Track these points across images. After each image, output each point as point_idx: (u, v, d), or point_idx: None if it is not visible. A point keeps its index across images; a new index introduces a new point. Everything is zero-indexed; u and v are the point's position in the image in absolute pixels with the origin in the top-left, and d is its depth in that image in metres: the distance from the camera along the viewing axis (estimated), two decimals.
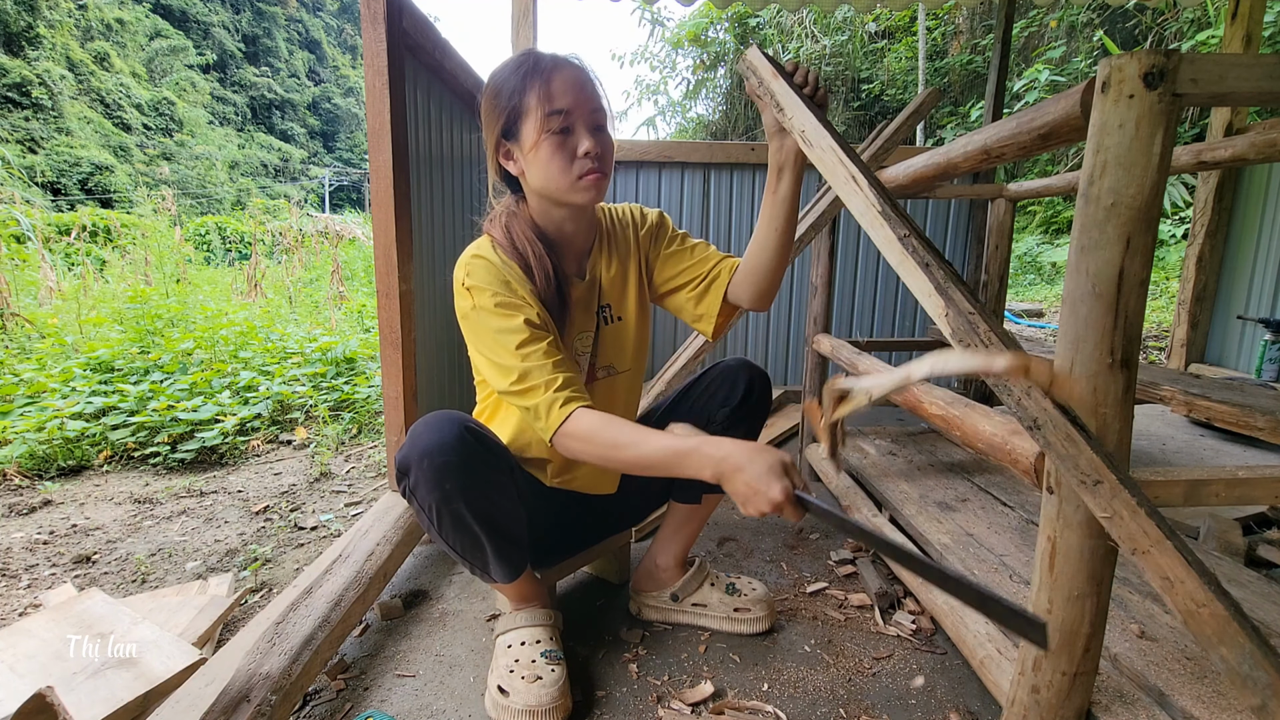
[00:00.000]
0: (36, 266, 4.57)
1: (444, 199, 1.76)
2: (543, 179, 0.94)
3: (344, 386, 2.82)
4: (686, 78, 10.96)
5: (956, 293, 0.70)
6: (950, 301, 0.70)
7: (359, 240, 8.69)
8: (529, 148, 0.92)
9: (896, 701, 1.01)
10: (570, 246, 1.05)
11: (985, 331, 0.68)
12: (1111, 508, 0.63)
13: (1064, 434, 0.64)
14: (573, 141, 0.92)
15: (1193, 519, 1.48)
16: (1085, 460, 0.63)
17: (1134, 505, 0.61)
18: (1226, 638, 0.59)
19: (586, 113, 0.92)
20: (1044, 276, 7.44)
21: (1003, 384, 0.67)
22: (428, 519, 0.94)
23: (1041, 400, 0.65)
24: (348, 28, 46.66)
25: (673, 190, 2.74)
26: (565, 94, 0.90)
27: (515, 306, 0.92)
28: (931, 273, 0.72)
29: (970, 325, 0.68)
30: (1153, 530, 0.61)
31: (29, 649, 1.05)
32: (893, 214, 0.76)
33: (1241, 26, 2.59)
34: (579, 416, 0.88)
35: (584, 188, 0.93)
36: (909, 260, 0.73)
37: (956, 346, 0.70)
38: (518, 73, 0.92)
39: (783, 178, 0.96)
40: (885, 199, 0.77)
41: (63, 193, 20.00)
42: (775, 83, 0.90)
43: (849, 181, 0.80)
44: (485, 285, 0.92)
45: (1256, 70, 0.62)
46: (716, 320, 1.08)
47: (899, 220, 0.75)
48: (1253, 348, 2.63)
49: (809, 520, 1.67)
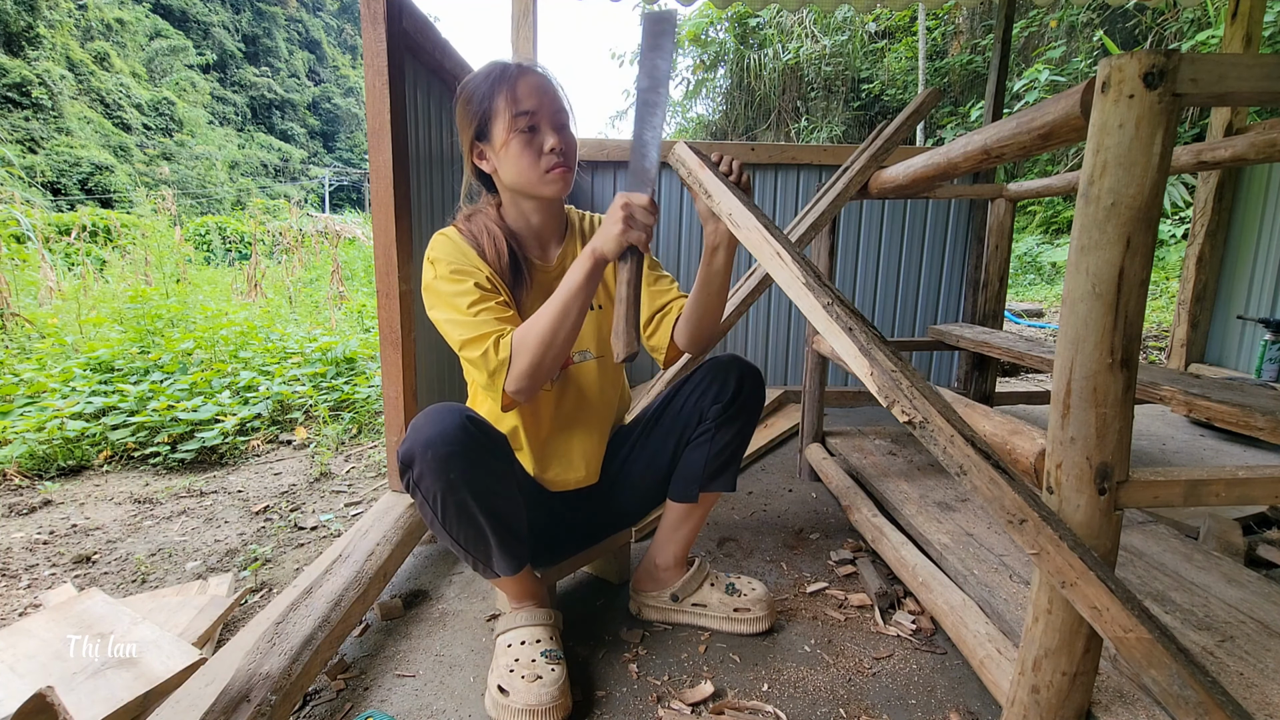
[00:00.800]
0: (36, 266, 4.57)
1: (444, 199, 1.76)
2: (514, 174, 1.03)
3: (344, 386, 2.82)
4: (687, 78, 10.96)
5: (879, 353, 0.75)
6: (874, 362, 0.75)
7: (359, 240, 8.68)
8: (500, 146, 1.01)
9: (896, 701, 1.01)
10: (536, 236, 1.13)
11: (908, 387, 0.72)
12: (1038, 544, 0.66)
13: (987, 477, 0.68)
14: (539, 139, 1.01)
15: (1193, 519, 1.48)
16: (1009, 500, 0.67)
17: (1057, 540, 0.64)
18: (1154, 660, 0.62)
19: (550, 113, 1.02)
20: (1044, 276, 7.44)
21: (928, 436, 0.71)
22: (432, 511, 0.95)
23: (964, 448, 0.69)
24: (348, 28, 46.67)
25: (673, 190, 2.74)
26: (530, 96, 1.00)
27: (467, 273, 1.01)
28: (855, 336, 0.77)
29: (894, 382, 0.73)
30: (1076, 563, 0.64)
31: (29, 649, 1.05)
32: (816, 284, 0.83)
33: (1241, 26, 2.59)
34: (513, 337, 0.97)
35: (551, 180, 1.03)
36: (834, 325, 0.79)
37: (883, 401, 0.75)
38: (487, 80, 1.01)
39: (716, 255, 1.05)
40: (809, 271, 0.84)
41: (63, 193, 20.00)
42: (703, 173, 0.99)
43: (775, 258, 0.86)
44: (443, 256, 1.03)
45: (1256, 70, 0.62)
46: (667, 353, 1.16)
47: (822, 289, 0.82)
48: (1253, 348, 2.63)
49: (808, 520, 1.67)
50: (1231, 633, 0.97)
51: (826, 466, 1.78)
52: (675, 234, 2.77)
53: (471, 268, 1.02)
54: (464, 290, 0.99)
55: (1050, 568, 0.65)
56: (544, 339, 0.94)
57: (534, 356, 0.94)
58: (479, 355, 0.96)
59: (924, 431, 0.71)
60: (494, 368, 0.96)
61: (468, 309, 0.98)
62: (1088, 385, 0.66)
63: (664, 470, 1.18)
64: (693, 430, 1.13)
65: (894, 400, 0.72)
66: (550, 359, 0.96)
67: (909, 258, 2.81)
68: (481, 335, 0.96)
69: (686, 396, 1.14)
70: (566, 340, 0.96)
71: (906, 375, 0.73)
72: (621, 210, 0.91)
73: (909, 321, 2.87)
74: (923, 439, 0.72)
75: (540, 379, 0.97)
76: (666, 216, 2.75)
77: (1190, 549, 1.25)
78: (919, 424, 0.71)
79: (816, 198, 1.72)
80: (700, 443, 1.12)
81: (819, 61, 9.78)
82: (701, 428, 1.12)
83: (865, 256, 2.82)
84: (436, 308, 1.02)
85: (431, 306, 1.03)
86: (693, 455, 1.14)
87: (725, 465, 1.14)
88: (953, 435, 0.69)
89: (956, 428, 0.70)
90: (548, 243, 1.15)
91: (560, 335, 0.95)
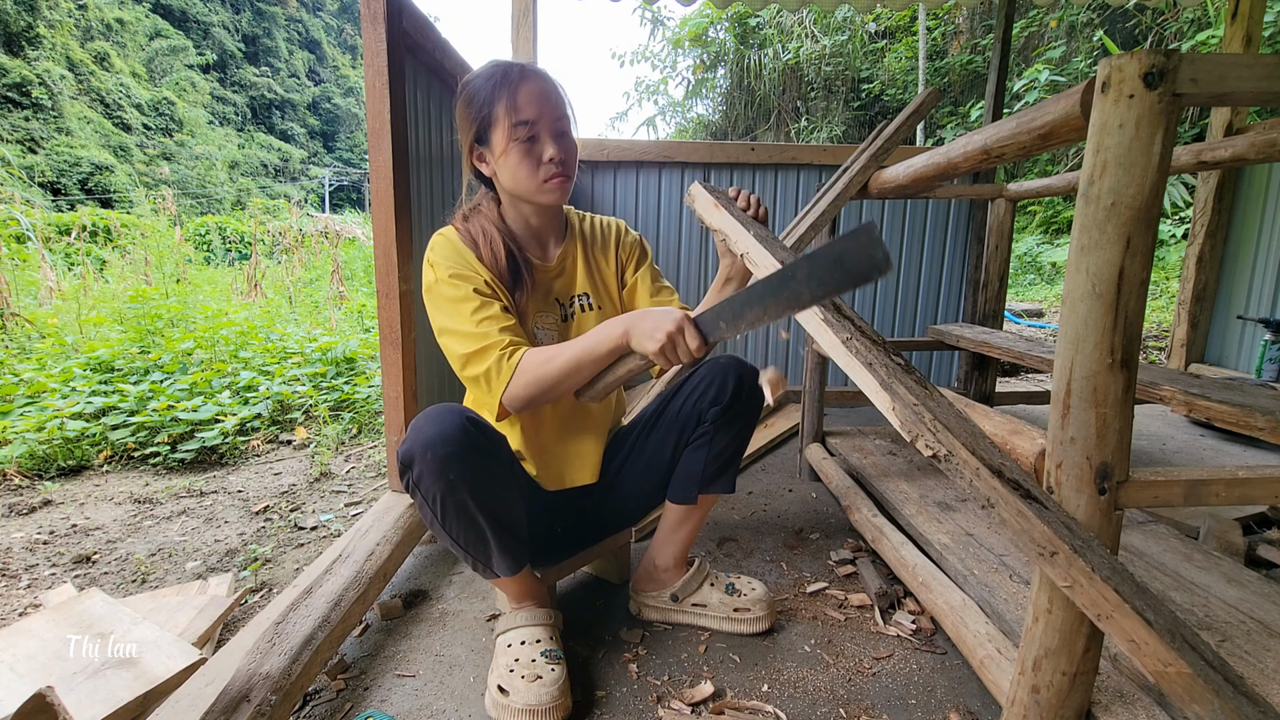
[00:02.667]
0: (36, 266, 4.57)
1: (444, 199, 1.76)
2: (512, 181, 1.03)
3: (344, 386, 2.82)
4: (687, 78, 10.96)
5: (900, 387, 0.74)
6: (895, 396, 0.73)
7: (359, 240, 8.68)
8: (499, 154, 1.02)
9: (896, 701, 1.01)
10: (535, 236, 1.13)
11: (931, 420, 0.71)
12: (1070, 576, 0.63)
13: (1015, 510, 0.66)
14: (538, 149, 1.01)
15: (1193, 519, 1.48)
16: (1039, 533, 0.65)
17: (1089, 573, 0.62)
18: (1196, 695, 0.59)
19: (551, 120, 1.01)
20: (1044, 276, 7.43)
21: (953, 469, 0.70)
22: (432, 511, 0.95)
23: (990, 479, 0.67)
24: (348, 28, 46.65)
25: (673, 190, 2.74)
26: (530, 105, 0.99)
27: (466, 278, 1.01)
28: (875, 371, 0.76)
29: (917, 416, 0.71)
30: (1111, 595, 0.61)
31: (29, 649, 1.05)
32: (835, 319, 0.82)
33: (1241, 26, 2.59)
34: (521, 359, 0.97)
35: (549, 190, 1.03)
36: (854, 361, 0.78)
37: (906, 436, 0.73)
38: (488, 84, 1.00)
39: (728, 286, 1.09)
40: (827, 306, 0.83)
41: (63, 193, 20.00)
42: (718, 214, 0.99)
43: None
44: (442, 259, 1.02)
45: (1256, 70, 0.62)
46: None
47: (840, 324, 0.81)
48: (1253, 348, 2.63)
49: (808, 520, 1.67)
50: (1231, 633, 0.97)
51: (826, 466, 1.78)
52: (675, 237, 2.77)
53: (470, 271, 1.02)
54: (464, 296, 0.99)
55: (1084, 600, 0.63)
56: (546, 382, 0.96)
57: (531, 391, 0.96)
58: (480, 373, 0.97)
59: (949, 465, 0.70)
60: (494, 386, 0.97)
61: (470, 316, 0.98)
62: (1088, 385, 0.66)
63: (663, 471, 1.18)
64: (691, 432, 1.13)
65: (917, 434, 0.71)
66: (545, 399, 0.99)
67: (909, 258, 2.81)
68: (484, 349, 0.97)
69: (685, 398, 1.14)
70: (568, 390, 0.99)
71: (929, 408, 0.72)
72: (668, 337, 0.89)
73: (909, 321, 2.87)
74: (948, 472, 0.70)
75: (528, 409, 1.00)
76: (668, 219, 2.75)
77: (1190, 549, 1.25)
78: (944, 457, 0.70)
79: (816, 198, 1.72)
80: (699, 444, 1.12)
81: (819, 61, 9.78)
82: (700, 429, 1.12)
83: None
84: (437, 314, 1.02)
85: (433, 312, 1.03)
86: (692, 457, 1.13)
87: (724, 467, 1.14)
88: (978, 468, 0.68)
89: (982, 459, 0.68)
90: (547, 241, 1.15)
91: (564, 385, 0.97)
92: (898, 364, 0.78)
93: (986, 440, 0.72)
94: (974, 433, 0.72)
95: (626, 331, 0.93)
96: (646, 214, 2.73)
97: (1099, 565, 0.63)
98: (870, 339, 0.80)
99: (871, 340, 0.80)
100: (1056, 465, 0.70)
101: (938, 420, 0.71)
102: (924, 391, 0.74)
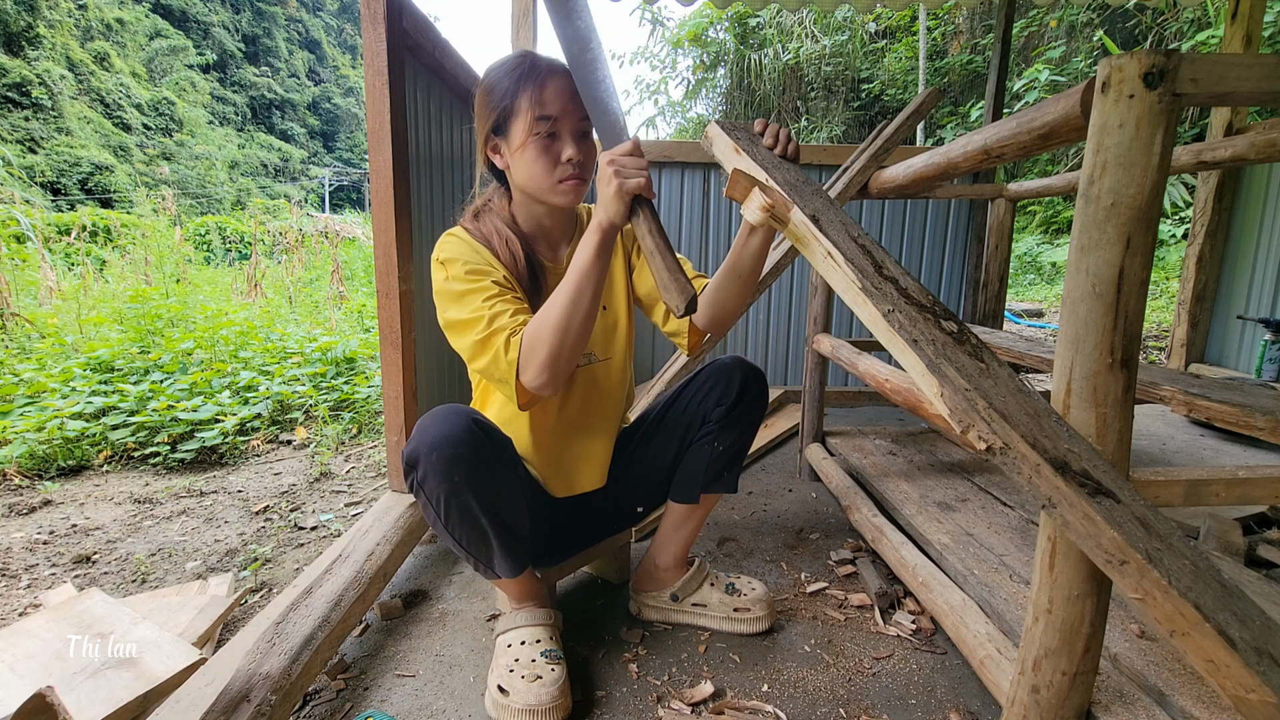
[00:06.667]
0: (36, 266, 4.57)
1: (444, 199, 1.76)
2: (526, 178, 0.98)
3: (344, 386, 2.82)
4: (686, 78, 10.96)
5: (950, 368, 0.65)
6: (944, 379, 0.65)
7: (359, 240, 8.68)
8: (516, 147, 0.97)
9: (896, 701, 1.01)
10: (546, 237, 1.09)
11: (985, 409, 0.62)
12: (1142, 588, 0.57)
13: (1081, 513, 0.58)
14: (558, 147, 0.96)
15: (1193, 519, 1.48)
16: (1107, 540, 0.58)
17: (1165, 586, 0.55)
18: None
19: (574, 121, 0.96)
20: (1044, 276, 7.44)
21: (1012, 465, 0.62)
22: (435, 512, 0.95)
23: (1054, 478, 0.59)
24: (348, 28, 46.65)
25: (673, 190, 2.74)
26: (555, 101, 0.94)
27: (484, 272, 0.96)
28: (921, 350, 0.66)
29: (969, 403, 0.63)
30: (1190, 613, 0.55)
31: (29, 649, 1.05)
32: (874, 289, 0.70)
33: (1241, 26, 2.59)
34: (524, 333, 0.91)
35: (563, 191, 0.98)
36: (897, 338, 0.68)
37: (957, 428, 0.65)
38: (512, 74, 0.96)
39: (753, 237, 0.97)
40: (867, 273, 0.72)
41: (63, 193, 19.99)
42: (739, 159, 0.89)
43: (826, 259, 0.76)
44: (456, 257, 0.98)
45: (1256, 70, 0.62)
46: (690, 339, 1.11)
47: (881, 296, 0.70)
48: (1253, 348, 2.63)
49: (808, 520, 1.67)
50: None
51: (826, 466, 1.78)
52: (675, 237, 2.77)
53: (488, 266, 0.97)
54: (481, 287, 0.94)
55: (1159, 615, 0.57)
56: (559, 325, 0.87)
57: (551, 346, 0.87)
58: (488, 361, 0.92)
59: (1004, 459, 0.62)
60: (504, 370, 0.90)
61: (484, 300, 0.93)
62: (1088, 385, 0.66)
63: (666, 471, 1.18)
64: (695, 432, 1.13)
65: (969, 424, 0.63)
66: (570, 346, 0.89)
67: (909, 258, 2.81)
68: (489, 335, 0.91)
69: (690, 398, 1.14)
70: (585, 323, 0.89)
71: (983, 391, 0.63)
72: (609, 167, 0.85)
73: None
74: (1003, 466, 0.63)
75: (562, 369, 0.90)
76: (668, 219, 2.75)
77: None
78: (999, 450, 0.62)
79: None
80: (703, 444, 1.12)
81: (819, 61, 9.78)
82: (704, 429, 1.12)
83: None
84: (449, 306, 0.96)
85: (443, 309, 0.97)
86: (695, 457, 1.13)
87: (727, 467, 1.14)
88: (1039, 464, 0.60)
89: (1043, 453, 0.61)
90: (559, 243, 1.11)
91: (577, 318, 0.88)
92: (949, 335, 0.68)
93: (1053, 419, 0.63)
94: (1036, 413, 0.63)
95: (595, 222, 0.87)
96: None
97: (1177, 574, 0.56)
98: (918, 305, 0.70)
99: (919, 306, 0.70)
100: None
101: (993, 408, 0.62)
102: (980, 368, 0.65)
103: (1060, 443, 0.61)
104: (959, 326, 0.69)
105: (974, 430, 0.63)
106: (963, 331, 0.69)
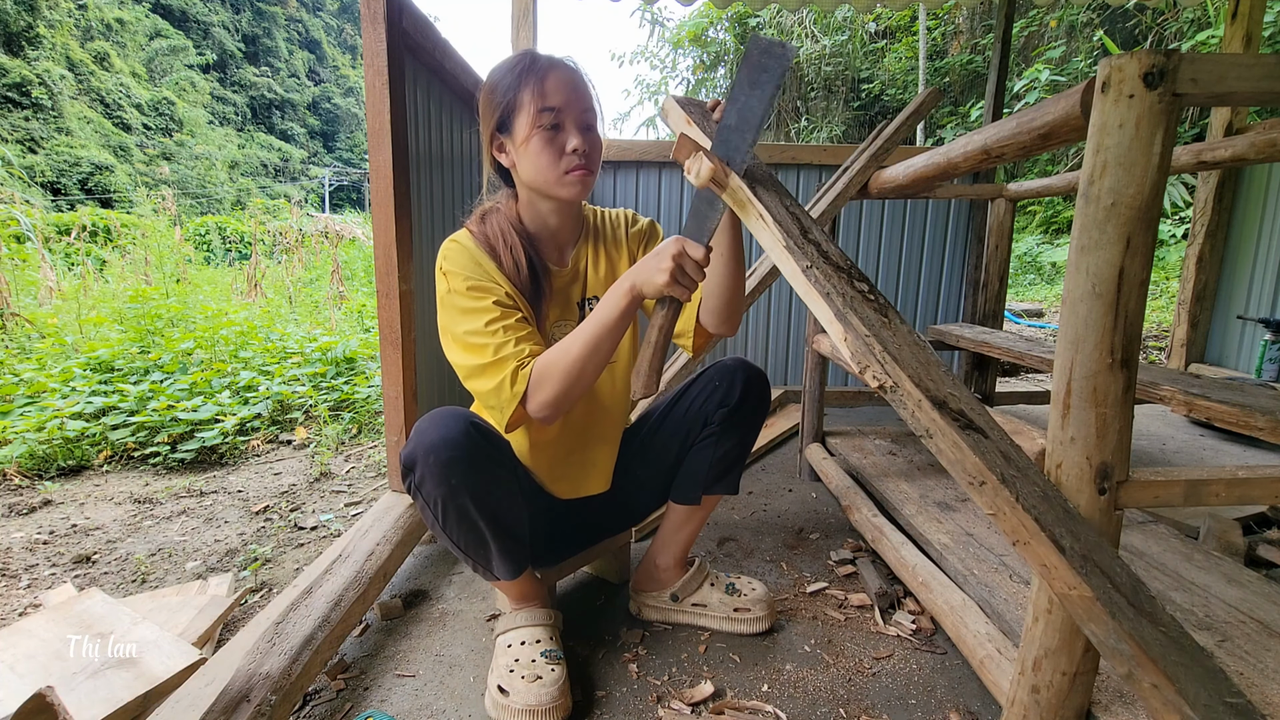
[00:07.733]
0: (36, 266, 4.57)
1: (444, 199, 1.76)
2: (532, 172, 0.98)
3: (344, 386, 2.82)
4: (687, 78, 10.96)
5: (854, 318, 0.74)
6: (848, 326, 0.74)
7: (359, 240, 8.68)
8: (521, 141, 0.96)
9: (896, 701, 1.01)
10: (553, 239, 1.09)
11: (880, 352, 0.71)
12: (995, 505, 0.66)
13: (951, 440, 0.67)
14: (562, 138, 0.96)
15: (1193, 519, 1.48)
16: (970, 464, 0.67)
17: (1013, 502, 0.65)
18: (1094, 616, 0.63)
19: (577, 112, 0.96)
20: (1044, 276, 7.44)
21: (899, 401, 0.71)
22: (433, 514, 0.95)
23: (931, 411, 0.68)
24: (348, 28, 46.64)
25: (673, 190, 2.74)
26: (558, 92, 0.95)
27: (485, 289, 0.96)
28: (831, 301, 0.75)
29: (867, 347, 0.72)
30: (1030, 524, 0.64)
31: (29, 649, 1.05)
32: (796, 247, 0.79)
33: (1241, 26, 2.59)
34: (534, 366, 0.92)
35: (570, 182, 0.98)
36: (812, 290, 0.77)
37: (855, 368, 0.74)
38: (514, 71, 0.96)
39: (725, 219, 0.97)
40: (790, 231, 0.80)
41: (63, 192, 19.99)
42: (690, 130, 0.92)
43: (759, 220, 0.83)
44: (459, 269, 0.97)
45: (1256, 70, 0.62)
46: (695, 340, 1.09)
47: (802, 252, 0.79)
48: (1253, 348, 2.63)
49: (808, 520, 1.67)
50: (1231, 633, 0.97)
51: (826, 466, 1.78)
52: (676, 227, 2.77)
53: (490, 283, 0.97)
54: (483, 308, 0.94)
55: (1006, 527, 0.66)
56: (571, 371, 0.89)
57: (560, 388, 0.90)
58: (490, 388, 0.92)
59: (894, 397, 0.71)
60: (505, 400, 0.91)
61: (485, 325, 0.93)
62: (1088, 385, 0.66)
63: (667, 472, 1.18)
64: (697, 433, 1.13)
65: (866, 365, 0.72)
66: (579, 389, 0.91)
67: (909, 258, 2.81)
68: (495, 363, 0.91)
69: (692, 400, 1.14)
70: (596, 371, 0.92)
71: (880, 339, 0.72)
72: (673, 260, 0.84)
73: (909, 321, 2.87)
74: (894, 404, 0.71)
75: (565, 407, 0.93)
76: (668, 219, 2.75)
77: (1190, 549, 1.25)
78: (889, 389, 0.71)
79: (816, 198, 1.72)
80: (704, 446, 1.12)
81: (819, 61, 9.78)
82: (706, 431, 1.12)
83: (865, 256, 2.82)
84: (452, 323, 0.96)
85: (444, 321, 0.98)
86: (697, 458, 1.13)
87: (729, 468, 1.14)
88: (920, 400, 0.68)
89: (926, 391, 0.69)
90: (565, 244, 1.10)
91: (589, 369, 0.90)
92: (859, 292, 0.76)
93: (939, 370, 0.71)
94: (926, 362, 0.71)
95: (632, 285, 0.88)
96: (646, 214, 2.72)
97: (1025, 496, 0.65)
98: (835, 265, 0.78)
99: (836, 267, 0.78)
100: (1057, 465, 0.70)
101: (887, 352, 0.71)
102: (881, 321, 0.74)
103: (943, 387, 0.70)
104: (870, 287, 0.78)
105: (870, 371, 0.72)
106: (873, 291, 0.78)
